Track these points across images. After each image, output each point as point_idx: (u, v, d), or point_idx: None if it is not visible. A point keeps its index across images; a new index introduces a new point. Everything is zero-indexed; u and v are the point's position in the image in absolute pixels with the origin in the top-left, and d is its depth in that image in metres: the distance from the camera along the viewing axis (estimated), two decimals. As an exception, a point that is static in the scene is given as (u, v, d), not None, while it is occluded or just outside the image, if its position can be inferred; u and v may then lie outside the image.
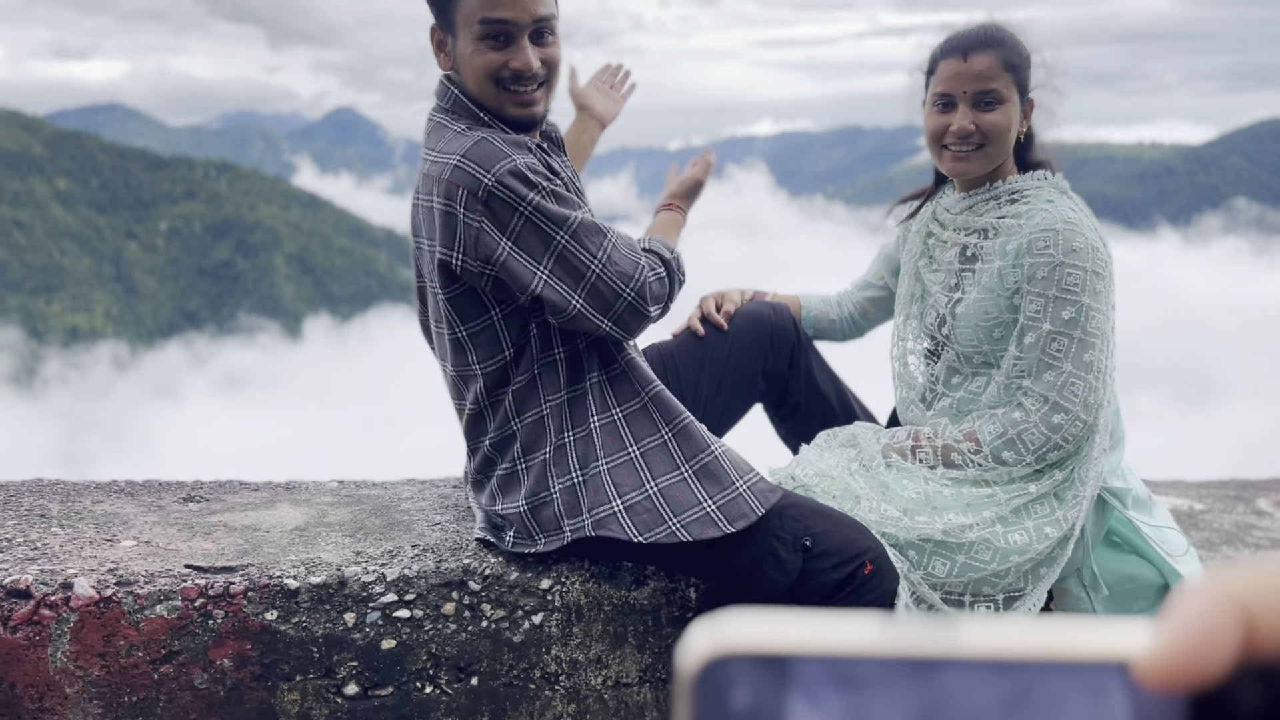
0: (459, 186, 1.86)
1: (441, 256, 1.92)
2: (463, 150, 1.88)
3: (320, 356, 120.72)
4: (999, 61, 2.13)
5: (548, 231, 1.87)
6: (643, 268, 1.96)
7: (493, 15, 1.89)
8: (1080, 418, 2.09)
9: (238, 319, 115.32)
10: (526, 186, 1.85)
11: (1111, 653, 0.28)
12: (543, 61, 1.95)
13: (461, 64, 1.96)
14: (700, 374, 2.39)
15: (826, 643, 0.29)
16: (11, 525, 2.18)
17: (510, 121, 1.97)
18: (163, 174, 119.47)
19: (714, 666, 0.29)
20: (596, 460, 2.02)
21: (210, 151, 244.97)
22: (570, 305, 1.90)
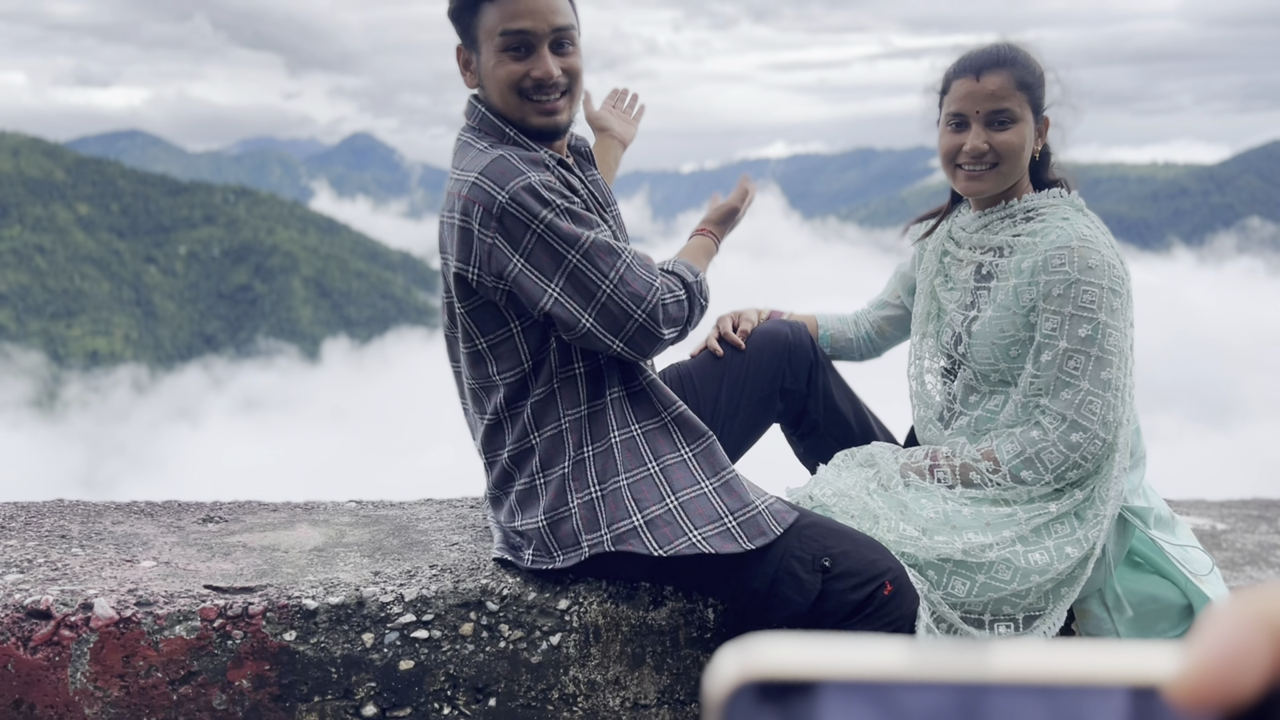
0: (475, 203, 1.89)
1: (458, 270, 1.95)
2: (481, 167, 1.91)
3: (338, 379, 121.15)
4: (1012, 81, 2.12)
5: (559, 250, 1.89)
6: (657, 289, 1.95)
7: (512, 26, 1.93)
8: (1099, 436, 2.08)
9: (256, 342, 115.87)
10: (540, 204, 1.88)
11: (1143, 676, 0.28)
12: (564, 70, 1.97)
13: (486, 78, 1.99)
14: (718, 394, 2.39)
15: (857, 667, 0.28)
16: (33, 546, 2.19)
17: (535, 132, 2.00)
18: (182, 199, 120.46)
19: (743, 692, 0.28)
20: (616, 475, 2.02)
21: (229, 177, 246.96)
22: (580, 324, 1.92)
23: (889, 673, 0.28)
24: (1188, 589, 2.17)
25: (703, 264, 2.26)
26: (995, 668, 0.28)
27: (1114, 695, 0.28)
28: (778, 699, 0.28)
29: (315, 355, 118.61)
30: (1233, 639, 0.27)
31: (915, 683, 0.28)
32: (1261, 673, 0.27)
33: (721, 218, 2.35)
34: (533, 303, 1.92)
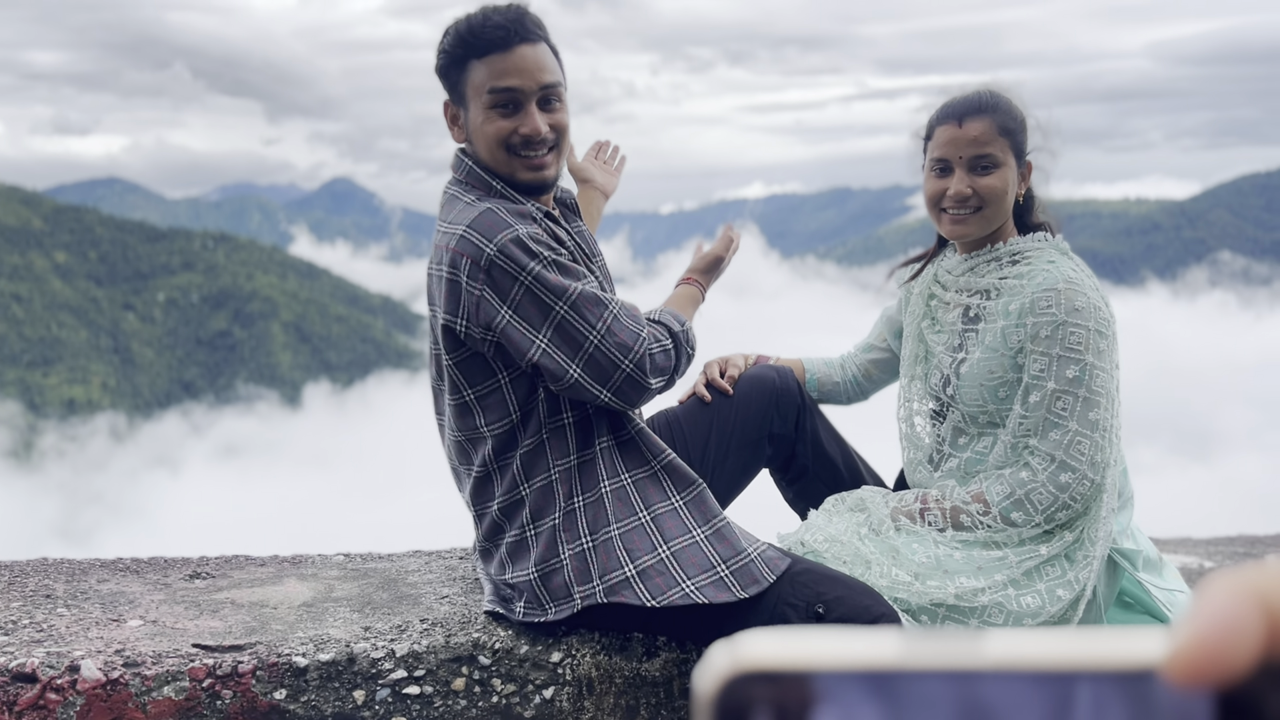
0: (463, 255, 1.91)
1: (446, 322, 1.96)
2: (468, 220, 1.93)
3: (319, 424, 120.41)
4: (994, 127, 2.15)
5: (546, 301, 1.90)
6: (644, 340, 1.97)
7: (501, 84, 1.95)
8: (1088, 476, 2.09)
9: (235, 388, 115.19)
10: (527, 256, 1.89)
11: (1138, 660, 0.28)
12: (551, 126, 1.99)
13: (474, 134, 2.01)
14: (707, 440, 2.39)
15: (851, 658, 0.28)
16: (17, 607, 2.16)
17: (522, 186, 2.02)
18: (160, 246, 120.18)
19: (734, 685, 0.28)
20: (607, 525, 2.02)
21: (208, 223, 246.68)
22: (568, 374, 1.93)
23: (883, 663, 0.28)
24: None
25: (689, 313, 2.25)
26: (990, 656, 0.28)
27: (1109, 680, 0.28)
28: (771, 692, 0.28)
29: (296, 400, 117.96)
30: (1224, 614, 0.27)
31: (910, 672, 0.28)
32: (1254, 648, 0.27)
33: (707, 266, 2.37)
34: (521, 354, 1.93)
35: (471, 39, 1.96)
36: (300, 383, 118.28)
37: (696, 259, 2.38)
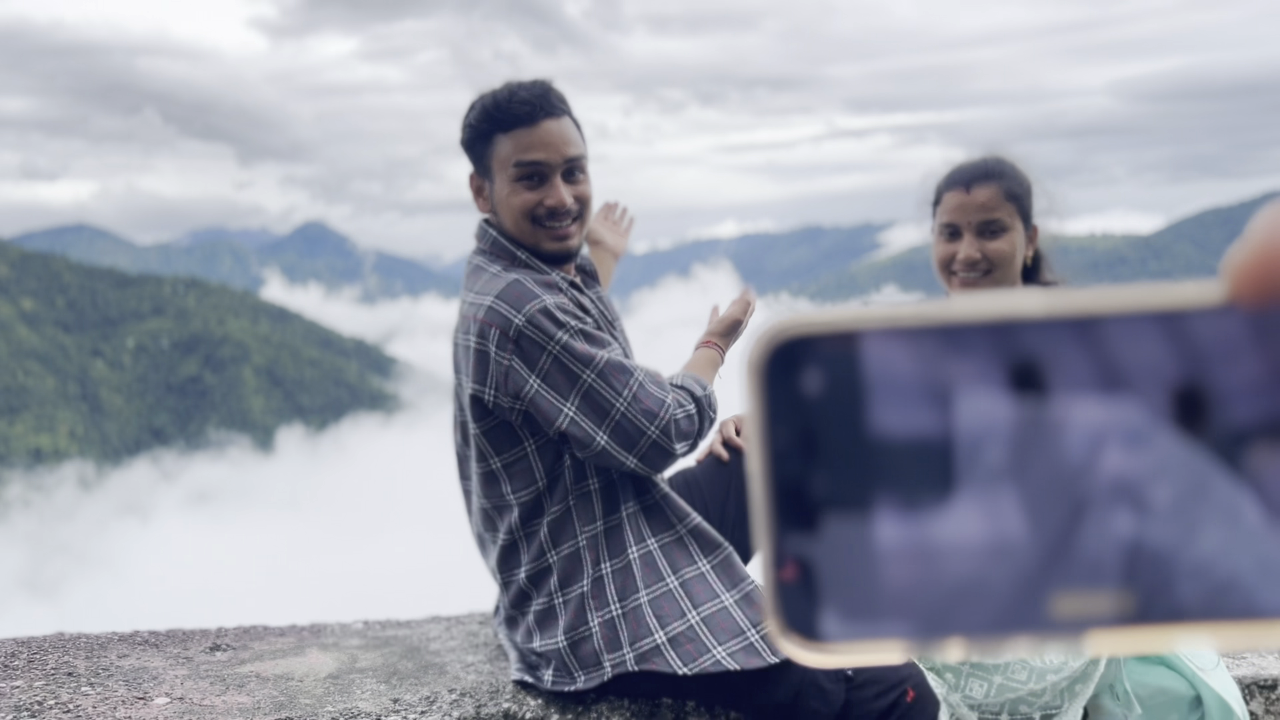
0: (492, 326, 1.93)
1: (474, 391, 1.98)
2: (496, 291, 1.95)
3: (293, 468, 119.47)
4: (1001, 192, 2.21)
5: (574, 370, 1.93)
6: (669, 406, 1.98)
7: (527, 158, 1.99)
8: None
9: (206, 434, 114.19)
10: (555, 326, 1.92)
11: (1201, 298, 0.28)
12: (575, 198, 2.03)
13: (499, 205, 2.05)
14: (726, 499, 2.42)
15: (895, 316, 0.28)
16: (40, 686, 2.14)
17: (547, 256, 2.05)
18: (130, 292, 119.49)
19: (785, 348, 0.28)
20: (636, 592, 2.02)
21: (179, 268, 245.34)
22: (595, 442, 1.94)
23: (928, 319, 0.28)
24: (1195, 681, 2.20)
25: (709, 377, 2.28)
26: (1034, 307, 0.28)
27: (1162, 320, 0.28)
28: (822, 353, 0.28)
29: (268, 445, 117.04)
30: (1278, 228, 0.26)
31: (955, 326, 0.28)
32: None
33: (726, 330, 2.38)
34: (549, 422, 1.95)
35: (498, 114, 2.00)
36: (272, 427, 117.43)
37: (714, 322, 2.39)
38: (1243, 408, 0.27)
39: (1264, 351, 0.27)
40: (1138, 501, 0.28)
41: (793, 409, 0.29)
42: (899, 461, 0.28)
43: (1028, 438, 0.28)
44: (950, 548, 0.28)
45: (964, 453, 0.28)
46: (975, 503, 0.28)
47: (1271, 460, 0.27)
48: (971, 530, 0.28)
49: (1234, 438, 0.27)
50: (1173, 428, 0.28)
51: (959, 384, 0.28)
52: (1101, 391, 0.28)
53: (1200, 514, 0.27)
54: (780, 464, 0.28)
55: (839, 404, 0.28)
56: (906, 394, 0.28)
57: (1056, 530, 0.28)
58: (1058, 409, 0.28)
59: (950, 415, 0.28)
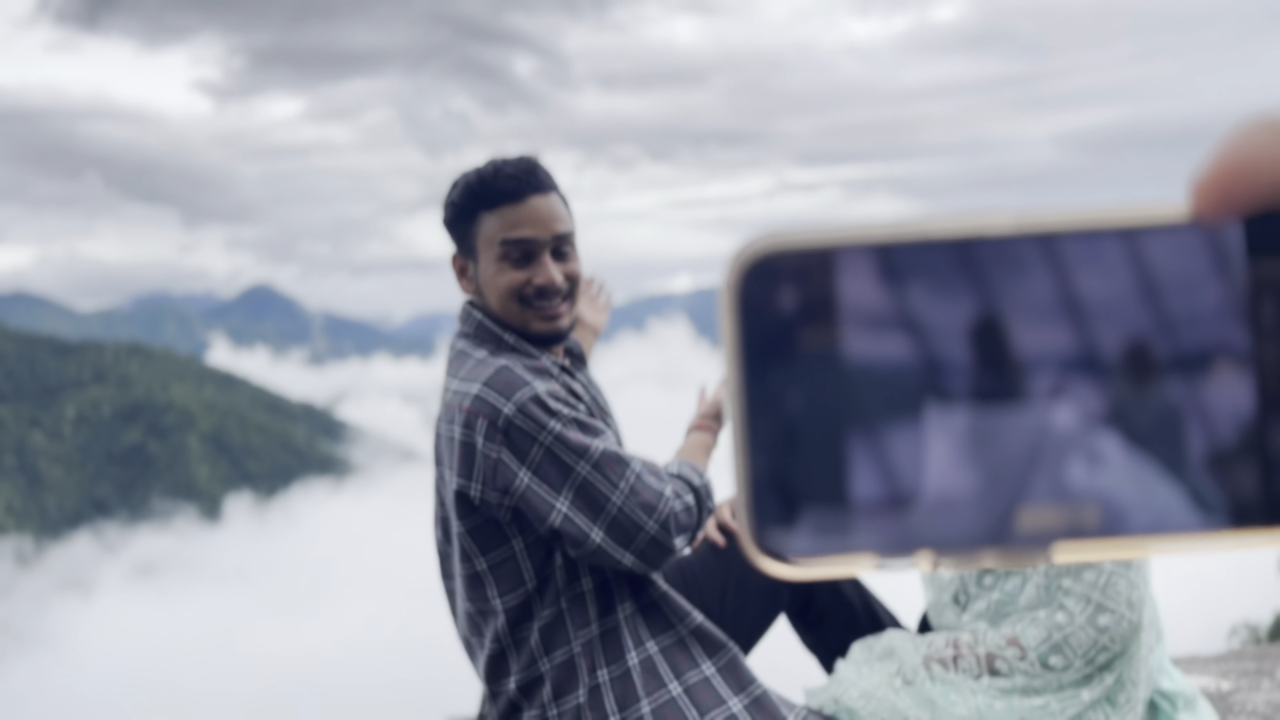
0: (478, 415, 1.83)
1: (459, 487, 1.87)
2: (483, 379, 1.86)
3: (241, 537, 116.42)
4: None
5: (568, 462, 1.83)
6: (667, 498, 1.88)
7: (513, 236, 1.91)
8: (1126, 617, 2.03)
9: (150, 504, 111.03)
10: (547, 415, 1.83)
11: (1165, 215, 0.28)
12: (565, 276, 1.95)
13: (485, 285, 1.96)
14: (724, 588, 2.24)
15: (865, 233, 0.29)
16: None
17: (536, 337, 1.97)
18: (70, 359, 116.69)
19: (758, 266, 0.29)
20: (637, 701, 1.90)
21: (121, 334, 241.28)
22: (590, 539, 1.83)
23: (897, 235, 0.29)
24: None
25: (704, 462, 2.12)
26: (1004, 223, 0.29)
27: (1127, 236, 0.28)
28: (794, 269, 0.29)
29: (215, 514, 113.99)
30: (1248, 137, 0.27)
31: (927, 242, 0.29)
32: (1273, 174, 0.27)
33: (718, 411, 2.23)
34: (540, 519, 1.84)
35: (482, 190, 1.93)
36: (218, 495, 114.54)
37: (705, 404, 2.23)
38: (1202, 327, 0.28)
39: (1224, 269, 0.28)
40: (1096, 420, 0.28)
41: (766, 326, 0.29)
42: (869, 379, 0.29)
43: (993, 356, 0.28)
44: (918, 465, 0.28)
45: (931, 372, 0.29)
46: (942, 420, 0.28)
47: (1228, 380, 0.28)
48: (938, 448, 0.28)
49: (1194, 357, 0.28)
50: (1133, 346, 0.28)
51: (927, 303, 0.28)
52: (1065, 310, 0.28)
53: (1159, 427, 0.28)
54: (753, 381, 0.29)
55: (811, 322, 0.29)
56: (876, 313, 0.28)
57: (1020, 447, 0.28)
58: (1022, 328, 0.28)
59: (918, 335, 0.28)
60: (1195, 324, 0.28)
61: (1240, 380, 0.28)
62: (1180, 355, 0.28)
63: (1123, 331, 0.28)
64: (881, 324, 0.29)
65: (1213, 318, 0.28)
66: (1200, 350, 0.28)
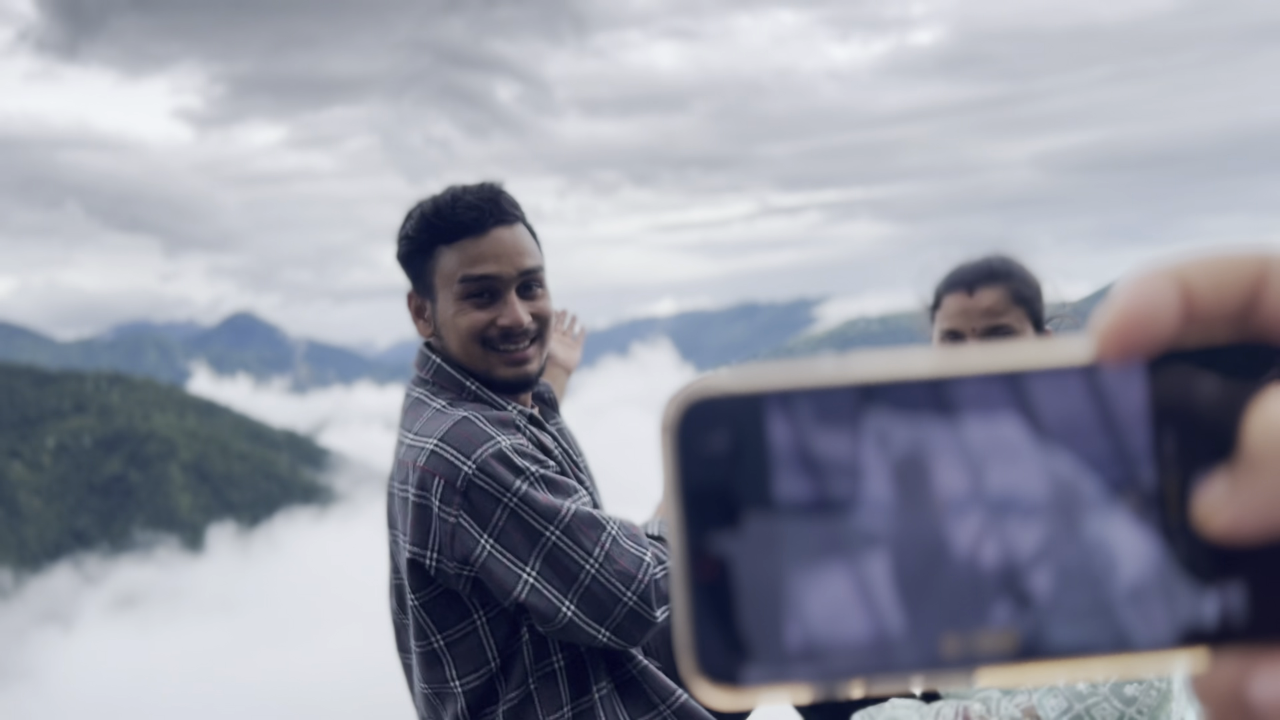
0: (435, 475, 1.64)
1: (413, 555, 1.68)
2: (440, 432, 1.67)
3: (224, 567, 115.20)
4: (1008, 295, 1.99)
5: (535, 526, 1.63)
6: (648, 565, 1.69)
7: (475, 272, 1.73)
8: (1154, 685, 1.91)
9: (132, 535, 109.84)
10: (512, 473, 1.64)
11: (1072, 357, 0.30)
12: (534, 315, 1.78)
13: (444, 327, 1.78)
14: None
15: (796, 378, 0.30)
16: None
17: (502, 384, 1.79)
18: (50, 389, 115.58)
19: (692, 411, 0.30)
20: None
21: (102, 363, 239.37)
22: (560, 614, 1.64)
23: (824, 380, 0.30)
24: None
25: None
26: (925, 366, 0.30)
27: (1046, 376, 0.30)
28: (727, 414, 0.30)
29: (197, 544, 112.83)
30: (1142, 287, 0.30)
31: (851, 386, 0.30)
32: (1172, 317, 0.29)
33: None
34: (505, 591, 1.64)
35: (440, 222, 1.75)
36: (201, 525, 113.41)
37: None
38: (1110, 463, 0.30)
39: (1124, 404, 0.30)
40: (1014, 548, 0.30)
41: (703, 468, 0.30)
42: (799, 519, 0.30)
43: (914, 495, 0.30)
44: (849, 597, 0.30)
45: (857, 511, 0.30)
46: (870, 558, 0.30)
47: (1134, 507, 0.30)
48: (867, 584, 0.30)
49: (1103, 492, 0.30)
50: (1047, 483, 0.30)
51: (851, 445, 0.30)
52: (983, 450, 0.30)
53: (1072, 557, 0.30)
54: (692, 519, 0.30)
55: (744, 463, 0.30)
56: (804, 455, 0.30)
57: (943, 580, 0.30)
58: (941, 468, 0.30)
59: (844, 476, 0.30)
60: (1104, 461, 0.30)
61: (1146, 512, 0.30)
62: (1090, 490, 0.30)
63: (1036, 469, 0.30)
64: (809, 466, 0.30)
65: (1120, 454, 0.30)
66: (1109, 485, 0.30)
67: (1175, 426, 0.30)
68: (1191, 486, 0.30)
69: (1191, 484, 0.30)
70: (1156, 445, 0.30)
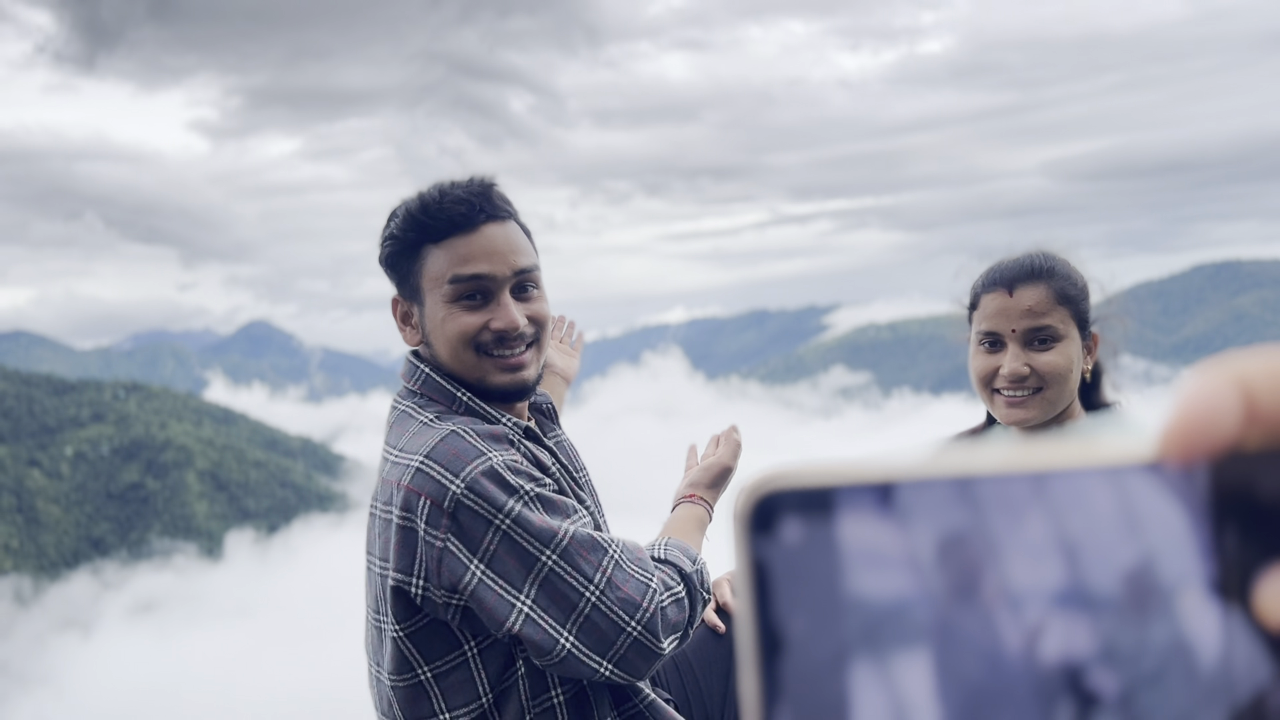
0: (420, 495, 1.52)
1: (397, 582, 1.55)
2: (427, 449, 1.54)
3: (241, 574, 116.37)
4: (1051, 294, 1.86)
5: (530, 550, 1.51)
6: (654, 591, 1.56)
7: (466, 272, 1.61)
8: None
9: (149, 542, 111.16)
10: (504, 492, 1.51)
11: (1137, 456, 0.31)
12: (530, 318, 1.65)
13: (433, 333, 1.66)
14: (726, 683, 1.94)
15: (870, 473, 0.31)
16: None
17: (496, 392, 1.66)
18: (68, 398, 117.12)
19: (764, 502, 0.31)
20: None
21: (119, 373, 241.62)
22: (558, 646, 1.51)
23: (893, 475, 0.31)
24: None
25: (696, 541, 1.80)
26: (995, 463, 0.31)
27: (1110, 475, 0.31)
28: (799, 506, 0.31)
29: (214, 551, 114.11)
30: (1204, 390, 0.30)
31: (917, 481, 0.31)
32: (1233, 421, 0.30)
33: (713, 479, 1.91)
34: (497, 622, 1.51)
35: (427, 219, 1.62)
36: (218, 533, 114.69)
37: (699, 471, 1.91)
38: (1175, 564, 0.30)
39: (1187, 503, 0.30)
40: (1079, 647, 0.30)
41: (772, 556, 0.31)
42: (865, 612, 0.31)
43: (978, 591, 0.31)
44: (911, 694, 0.30)
45: (921, 604, 0.31)
46: (932, 652, 0.30)
47: (1198, 603, 0.30)
48: (930, 677, 0.31)
49: (1169, 591, 0.30)
50: (1110, 576, 0.31)
51: (920, 540, 0.31)
52: (1054, 548, 0.31)
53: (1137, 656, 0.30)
54: (762, 608, 0.31)
55: (811, 555, 0.31)
56: (870, 549, 0.31)
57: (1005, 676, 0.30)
58: (1007, 560, 0.31)
59: (910, 569, 0.31)
60: (1167, 558, 0.30)
61: (1209, 608, 0.30)
62: (1155, 588, 0.30)
63: (1102, 566, 0.31)
64: (875, 561, 0.31)
65: (1183, 551, 0.30)
66: (1173, 582, 0.30)
67: (1237, 525, 0.30)
68: (1252, 583, 0.30)
69: (1252, 580, 0.30)
70: (1218, 543, 0.30)
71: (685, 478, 1.93)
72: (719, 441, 1.97)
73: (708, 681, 1.94)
